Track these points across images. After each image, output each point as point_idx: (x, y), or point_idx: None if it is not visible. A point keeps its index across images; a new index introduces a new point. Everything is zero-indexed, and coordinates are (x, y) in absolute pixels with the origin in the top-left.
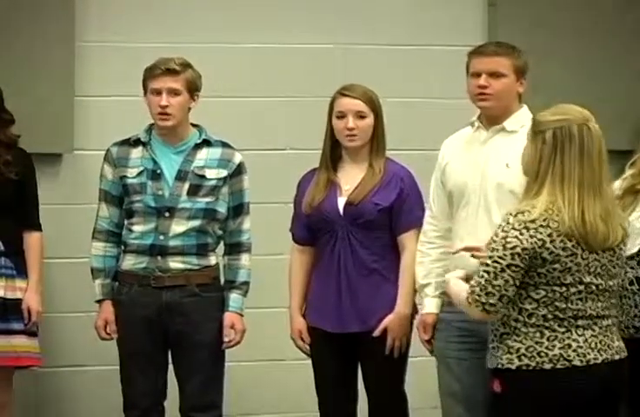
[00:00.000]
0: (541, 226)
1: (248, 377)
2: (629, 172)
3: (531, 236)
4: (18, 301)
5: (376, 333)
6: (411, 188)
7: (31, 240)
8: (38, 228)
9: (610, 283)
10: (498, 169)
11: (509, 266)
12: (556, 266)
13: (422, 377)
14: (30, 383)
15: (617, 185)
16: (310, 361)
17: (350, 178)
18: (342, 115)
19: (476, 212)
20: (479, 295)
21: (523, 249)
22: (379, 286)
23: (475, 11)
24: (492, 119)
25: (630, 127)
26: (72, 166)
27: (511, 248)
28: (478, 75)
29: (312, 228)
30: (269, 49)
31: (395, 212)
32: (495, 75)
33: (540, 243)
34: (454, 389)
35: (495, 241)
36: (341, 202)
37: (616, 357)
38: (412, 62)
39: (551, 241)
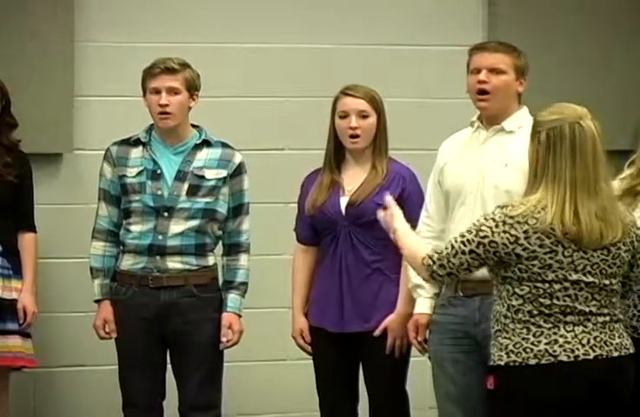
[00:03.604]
0: (517, 222)
1: (248, 377)
2: (627, 172)
3: (505, 232)
4: (14, 302)
5: (377, 332)
6: (413, 187)
7: (26, 240)
8: (33, 229)
9: (606, 282)
10: (496, 169)
11: (470, 251)
12: (535, 262)
13: (422, 377)
14: (28, 383)
15: (616, 185)
16: (311, 361)
17: (354, 178)
18: (345, 115)
19: (472, 212)
20: (433, 262)
21: (491, 242)
22: (381, 286)
23: (474, 11)
24: (492, 119)
25: (630, 127)
26: (72, 166)
27: (481, 237)
28: (478, 71)
29: (316, 228)
30: (268, 49)
31: None
32: (495, 71)
33: (512, 239)
34: (450, 391)
35: (474, 224)
36: (343, 202)
37: (615, 354)
38: (412, 62)
39: (526, 238)
